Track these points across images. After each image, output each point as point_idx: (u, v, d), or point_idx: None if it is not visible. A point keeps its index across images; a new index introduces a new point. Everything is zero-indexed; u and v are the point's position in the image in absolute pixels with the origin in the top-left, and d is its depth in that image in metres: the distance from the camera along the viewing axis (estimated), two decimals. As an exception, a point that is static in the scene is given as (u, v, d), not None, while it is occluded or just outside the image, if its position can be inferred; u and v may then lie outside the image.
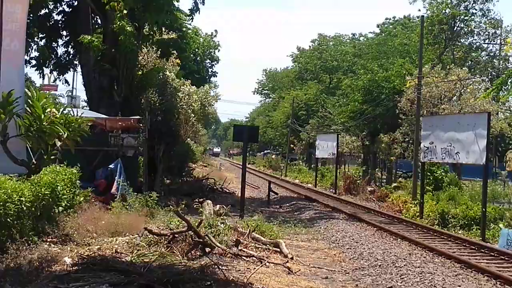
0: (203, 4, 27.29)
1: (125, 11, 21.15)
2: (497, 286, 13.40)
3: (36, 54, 28.66)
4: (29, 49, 26.24)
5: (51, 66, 30.07)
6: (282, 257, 15.08)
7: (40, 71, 29.95)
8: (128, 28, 21.85)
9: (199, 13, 27.02)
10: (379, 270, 15.01)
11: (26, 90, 17.68)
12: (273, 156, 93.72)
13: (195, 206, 22.48)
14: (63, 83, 34.14)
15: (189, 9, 28.70)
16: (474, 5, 49.26)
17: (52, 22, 28.77)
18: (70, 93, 55.81)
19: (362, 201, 35.02)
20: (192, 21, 28.31)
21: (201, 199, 24.83)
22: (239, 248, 14.72)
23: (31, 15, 20.68)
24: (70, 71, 32.34)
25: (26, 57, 24.28)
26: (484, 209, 21.38)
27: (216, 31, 51.33)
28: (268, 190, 34.40)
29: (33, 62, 28.88)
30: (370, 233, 21.77)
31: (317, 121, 64.54)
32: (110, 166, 22.21)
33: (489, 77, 45.44)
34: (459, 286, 13.05)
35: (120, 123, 24.44)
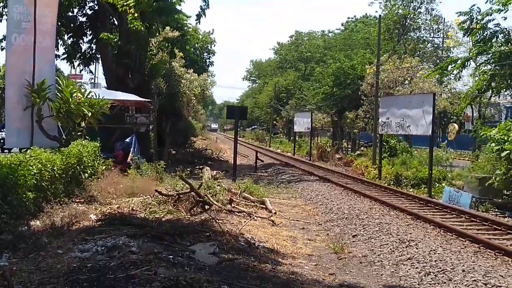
0: (208, 8, 26.99)
1: (136, 14, 20.95)
2: (441, 234, 13.49)
3: (64, 49, 28.51)
4: (59, 45, 25.95)
5: (77, 59, 29.86)
6: (267, 212, 15.16)
7: (69, 62, 29.86)
8: (141, 27, 21.68)
9: (204, 16, 26.71)
10: (345, 222, 15.11)
11: (57, 78, 17.61)
12: (260, 131, 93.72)
13: (196, 172, 22.50)
14: (87, 73, 34.15)
15: (196, 14, 28.54)
16: (421, 5, 49.23)
17: (78, 23, 28.55)
18: (92, 81, 55.53)
19: (332, 166, 35.11)
20: (199, 24, 27.98)
21: (201, 166, 24.84)
22: (232, 205, 14.78)
23: (60, 17, 20.41)
24: (93, 63, 32.12)
25: (56, 52, 24.00)
26: (430, 171, 21.52)
27: (213, 29, 51.32)
28: (255, 158, 34.39)
29: (62, 56, 28.69)
30: (338, 192, 21.84)
31: (295, 102, 64.54)
32: (126, 140, 22.19)
33: (434, 65, 45.42)
34: (410, 233, 13.12)
35: (133, 104, 24.42)
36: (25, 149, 13.84)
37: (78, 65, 31.14)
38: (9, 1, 16.83)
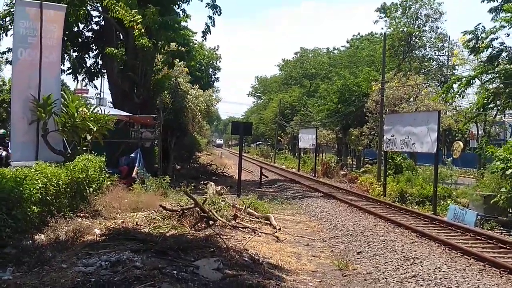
0: (213, 26, 27.20)
1: (142, 30, 21.08)
2: (446, 251, 13.45)
3: (70, 64, 28.62)
4: (64, 60, 26.08)
5: (83, 73, 29.97)
6: (272, 228, 15.12)
7: (74, 77, 29.93)
8: (147, 43, 21.79)
9: (210, 33, 26.96)
10: (350, 238, 15.06)
11: (62, 93, 17.69)
12: (264, 147, 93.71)
13: (200, 187, 22.51)
14: (92, 88, 34.08)
15: (202, 31, 28.82)
16: (425, 23, 49.41)
17: (83, 38, 28.71)
18: (98, 96, 55.66)
19: (336, 183, 35.01)
20: (205, 40, 28.22)
21: (206, 181, 24.85)
22: (237, 221, 14.75)
23: (66, 32, 20.54)
24: (98, 77, 32.18)
25: (62, 67, 24.13)
26: (435, 189, 21.48)
27: (218, 46, 51.47)
28: (260, 174, 34.42)
29: (68, 70, 28.81)
30: (343, 208, 21.80)
31: (300, 118, 64.54)
32: (131, 155, 22.21)
33: (439, 82, 45.58)
34: (415, 251, 13.08)
35: (138, 119, 24.48)
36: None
37: (83, 79, 31.28)
38: (15, 16, 16.99)
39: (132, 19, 20.15)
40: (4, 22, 23.04)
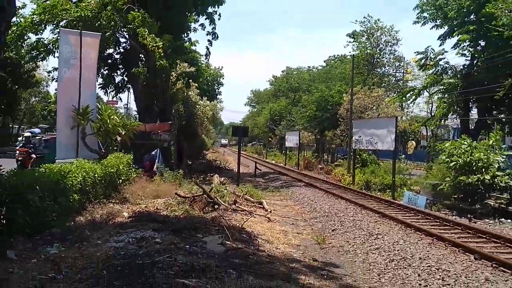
0: (211, 45, 27.90)
1: (162, 53, 21.06)
2: (402, 229, 13.49)
3: (102, 80, 28.53)
4: (98, 77, 26.02)
5: (112, 88, 29.83)
6: (264, 211, 15.10)
7: (105, 91, 29.87)
8: (166, 64, 21.75)
9: (210, 55, 27.71)
10: (326, 219, 15.10)
11: (97, 104, 17.71)
12: (258, 146, 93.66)
13: (207, 178, 22.46)
14: (120, 100, 34.06)
15: (204, 55, 29.32)
16: (385, 47, 49.50)
17: (113, 59, 28.61)
18: (126, 106, 55.53)
19: (315, 174, 35.05)
20: (208, 61, 28.77)
21: (211, 174, 24.80)
22: (236, 205, 14.74)
23: (99, 55, 20.51)
24: (124, 91, 32.07)
25: (97, 82, 24.12)
26: (393, 179, 21.55)
27: (222, 66, 51.74)
28: (254, 168, 34.41)
29: (100, 85, 28.73)
30: (321, 195, 21.82)
31: (286, 123, 64.47)
32: (152, 153, 22.17)
33: (396, 94, 45.70)
34: (378, 228, 13.13)
35: (158, 127, 24.54)
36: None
37: (111, 92, 31.13)
38: (60, 42, 17.01)
39: (154, 44, 20.09)
40: (52, 47, 22.95)
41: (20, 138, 24.42)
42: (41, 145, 22.27)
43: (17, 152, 20.21)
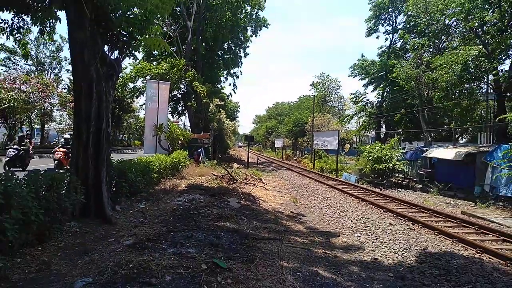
0: (235, 93, 27.79)
1: (205, 94, 21.06)
2: (342, 194, 13.40)
3: (170, 109, 28.40)
4: (168, 107, 25.90)
5: (176, 114, 29.82)
6: (263, 184, 15.04)
7: (172, 115, 29.80)
8: (207, 101, 21.69)
9: (234, 93, 27.46)
10: (298, 189, 14.99)
11: (168, 122, 17.67)
12: (259, 147, 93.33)
13: (230, 165, 22.36)
14: (181, 120, 33.86)
15: (229, 93, 29.35)
16: (332, 91, 49.50)
17: (177, 97, 28.64)
18: (183, 124, 55.33)
19: (292, 163, 34.75)
20: (232, 97, 28.70)
21: (232, 163, 24.67)
22: (246, 180, 14.69)
23: (169, 94, 20.57)
24: (183, 115, 31.97)
25: (168, 110, 24.02)
26: (337, 165, 21.43)
27: (239, 102, 51.87)
28: (257, 159, 34.25)
29: (170, 112, 28.60)
30: (295, 175, 21.66)
31: (275, 134, 64.33)
32: (199, 150, 22.04)
33: (339, 117, 45.45)
34: (327, 194, 13.05)
35: (202, 136, 24.47)
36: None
37: (175, 115, 31.00)
38: (147, 87, 16.98)
39: (201, 89, 20.13)
40: (142, 90, 23.08)
41: (61, 140, 19.98)
42: None
43: (56, 151, 13.90)
